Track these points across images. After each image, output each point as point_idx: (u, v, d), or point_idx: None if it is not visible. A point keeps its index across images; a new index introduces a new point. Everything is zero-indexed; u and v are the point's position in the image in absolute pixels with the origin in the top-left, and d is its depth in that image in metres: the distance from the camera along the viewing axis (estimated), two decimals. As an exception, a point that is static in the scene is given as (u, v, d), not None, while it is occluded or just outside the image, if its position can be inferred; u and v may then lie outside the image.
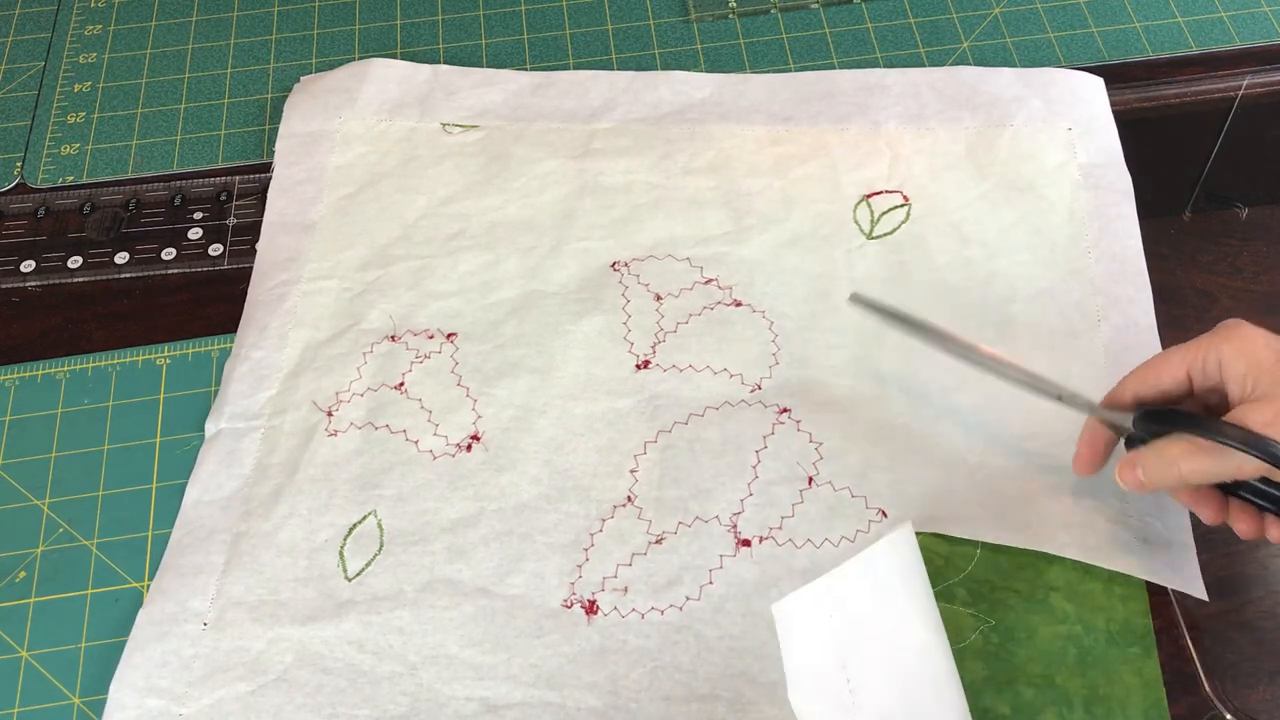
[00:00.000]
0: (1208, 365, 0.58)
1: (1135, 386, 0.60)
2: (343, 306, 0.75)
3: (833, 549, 0.64)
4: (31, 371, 0.74)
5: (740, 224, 0.77)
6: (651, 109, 0.83)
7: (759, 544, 0.64)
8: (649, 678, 0.60)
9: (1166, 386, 0.59)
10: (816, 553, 0.64)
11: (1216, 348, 0.57)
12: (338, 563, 0.65)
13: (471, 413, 0.70)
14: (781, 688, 0.59)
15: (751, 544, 0.64)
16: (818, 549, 0.64)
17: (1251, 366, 0.56)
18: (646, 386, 0.70)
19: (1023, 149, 0.78)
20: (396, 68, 0.86)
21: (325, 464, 0.68)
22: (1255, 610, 0.65)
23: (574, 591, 0.63)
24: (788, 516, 0.65)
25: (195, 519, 0.67)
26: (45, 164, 0.84)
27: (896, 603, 0.58)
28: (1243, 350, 0.56)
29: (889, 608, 0.58)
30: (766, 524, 0.65)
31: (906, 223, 0.76)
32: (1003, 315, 0.72)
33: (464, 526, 0.66)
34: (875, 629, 0.57)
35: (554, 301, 0.74)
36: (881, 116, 0.81)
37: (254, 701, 0.60)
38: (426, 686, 0.61)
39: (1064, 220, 0.75)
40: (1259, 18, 0.87)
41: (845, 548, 0.63)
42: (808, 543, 0.64)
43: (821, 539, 0.64)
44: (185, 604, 0.64)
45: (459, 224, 0.78)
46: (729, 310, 0.73)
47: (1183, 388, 0.59)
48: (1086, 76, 0.82)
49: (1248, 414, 0.54)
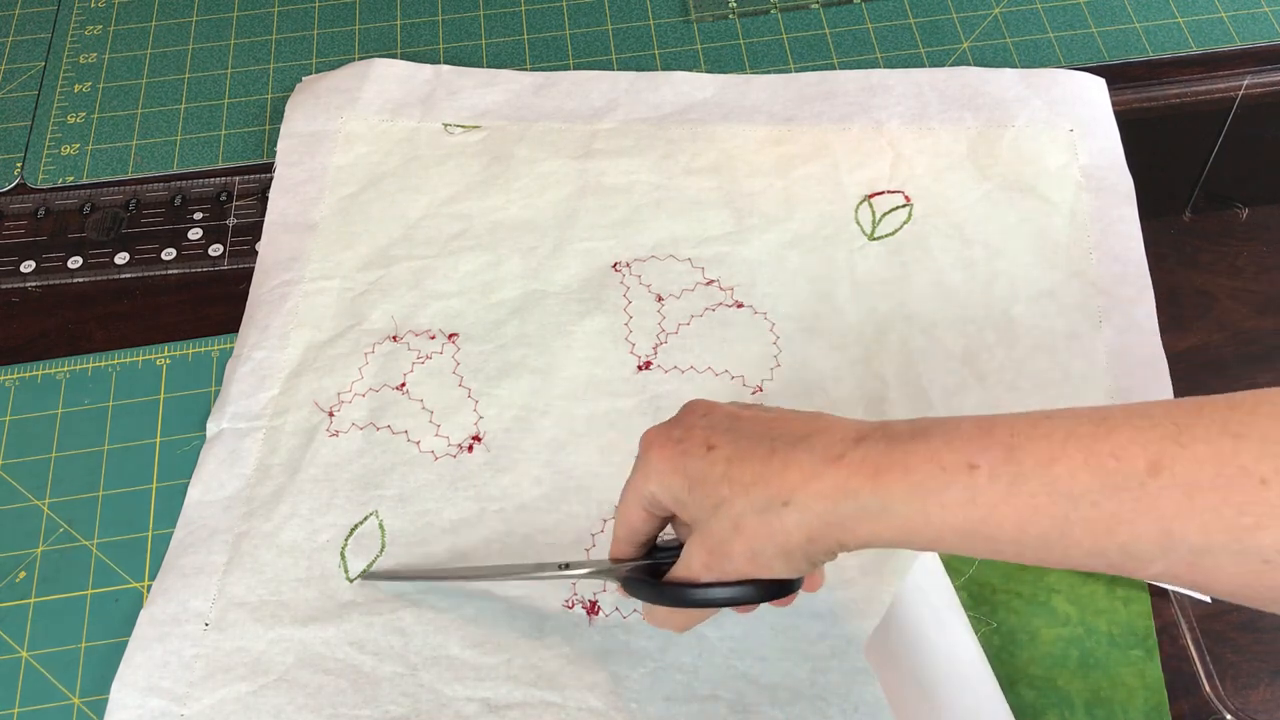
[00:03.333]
0: (652, 506, 0.53)
1: (625, 538, 0.55)
2: (344, 306, 0.75)
3: None
4: (31, 371, 0.74)
5: (742, 224, 0.77)
6: (653, 109, 0.83)
7: None
8: (650, 678, 0.60)
9: (646, 530, 0.55)
10: None
11: (643, 488, 0.52)
12: (339, 563, 0.65)
13: (473, 413, 0.70)
14: (783, 689, 0.59)
15: None
16: None
17: (673, 499, 0.51)
18: (648, 387, 0.70)
19: (1025, 150, 0.78)
20: (399, 68, 0.86)
21: (327, 464, 0.68)
22: (1255, 610, 0.65)
23: (575, 592, 0.63)
24: None
25: (197, 519, 0.67)
26: (45, 164, 0.84)
27: (947, 620, 0.57)
28: (662, 483, 0.51)
29: (944, 628, 0.57)
30: None
31: (908, 223, 0.76)
32: (1004, 316, 0.72)
33: (465, 527, 0.66)
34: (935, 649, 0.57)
35: (555, 302, 0.74)
36: (883, 116, 0.81)
37: (255, 702, 0.60)
38: (427, 687, 0.61)
39: (1066, 222, 0.75)
40: (1259, 18, 0.87)
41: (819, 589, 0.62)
42: None
43: None
44: (187, 604, 0.64)
45: (461, 224, 0.78)
46: (730, 311, 0.73)
47: (660, 520, 0.54)
48: (1089, 78, 0.82)
49: (690, 558, 0.51)
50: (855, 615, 0.61)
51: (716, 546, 0.49)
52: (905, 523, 0.45)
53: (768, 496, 0.48)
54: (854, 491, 0.46)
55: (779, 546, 0.48)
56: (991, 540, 0.44)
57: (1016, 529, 0.44)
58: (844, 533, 0.47)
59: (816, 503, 0.47)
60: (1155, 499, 0.41)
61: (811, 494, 0.47)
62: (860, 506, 0.46)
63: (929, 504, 0.45)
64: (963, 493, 0.44)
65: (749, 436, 0.50)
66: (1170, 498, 0.41)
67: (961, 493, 0.44)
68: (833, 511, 0.46)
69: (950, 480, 0.44)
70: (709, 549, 0.50)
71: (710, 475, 0.49)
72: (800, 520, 0.47)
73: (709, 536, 0.50)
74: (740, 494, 0.48)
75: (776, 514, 0.47)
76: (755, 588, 0.50)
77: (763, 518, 0.48)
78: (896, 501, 0.45)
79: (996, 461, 0.44)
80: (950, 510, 0.44)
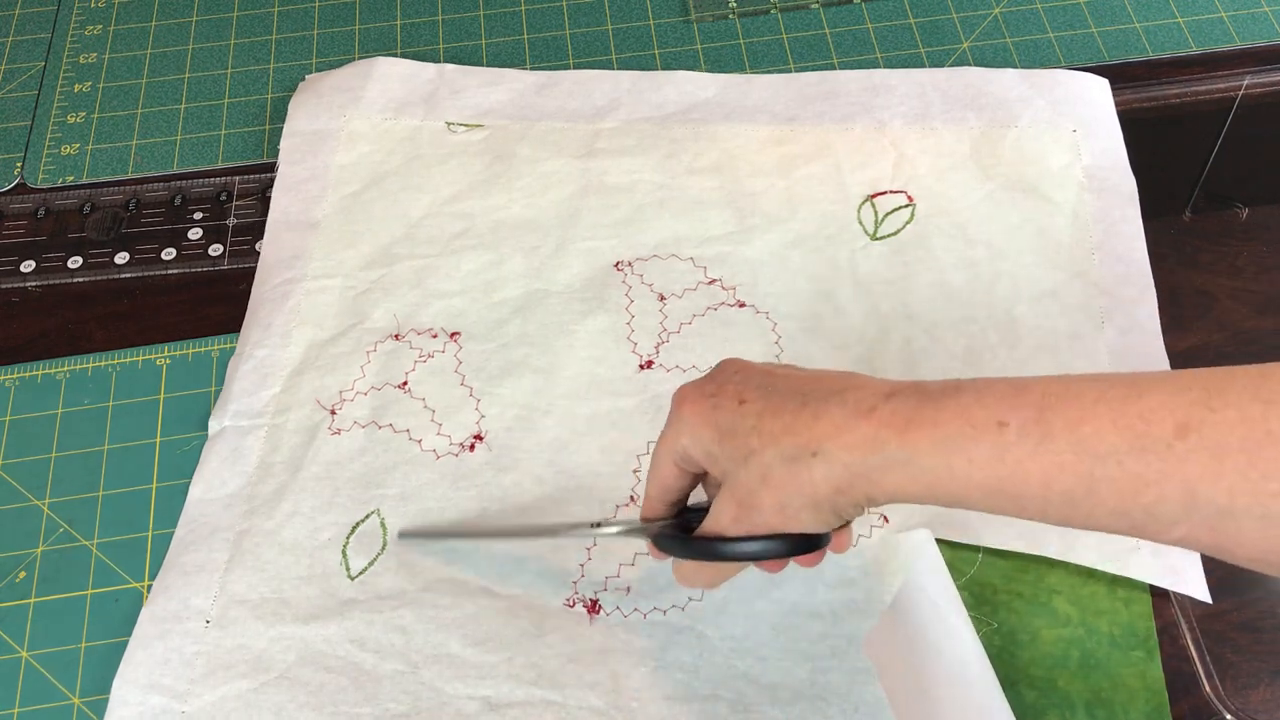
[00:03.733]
0: (684, 461, 0.53)
1: (657, 496, 0.56)
2: (346, 305, 0.75)
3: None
4: (31, 371, 0.74)
5: (744, 224, 0.77)
6: (656, 109, 0.83)
7: None
8: (650, 677, 0.60)
9: (678, 488, 0.55)
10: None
11: (675, 443, 0.53)
12: (340, 561, 0.65)
13: (475, 412, 0.70)
14: (783, 689, 0.59)
15: None
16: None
17: (704, 453, 0.52)
18: (650, 386, 0.70)
19: (1027, 150, 0.78)
20: (402, 66, 0.86)
21: (328, 463, 0.68)
22: (1255, 610, 0.65)
23: (576, 591, 0.63)
24: None
25: (198, 516, 0.67)
26: (45, 164, 0.84)
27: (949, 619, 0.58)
28: (694, 436, 0.52)
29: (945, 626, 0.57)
30: None
31: (911, 223, 0.76)
32: (1007, 316, 0.72)
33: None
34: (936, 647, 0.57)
35: (558, 301, 0.74)
36: (886, 116, 0.81)
37: (256, 699, 0.60)
38: (428, 685, 0.60)
39: (1068, 222, 0.75)
40: (1259, 18, 0.87)
41: (849, 550, 0.62)
42: None
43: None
44: (188, 602, 0.64)
45: (463, 223, 0.78)
46: (732, 311, 0.73)
47: (693, 477, 0.55)
48: (1092, 78, 0.82)
49: (720, 512, 0.51)
50: (856, 615, 0.61)
51: (745, 498, 0.50)
52: (932, 477, 0.46)
53: (797, 447, 0.48)
54: (882, 443, 0.46)
55: (807, 498, 0.48)
56: (1017, 498, 0.45)
57: (1042, 486, 0.44)
58: (871, 485, 0.47)
59: (845, 454, 0.47)
60: (1182, 461, 0.42)
61: (840, 445, 0.47)
62: (888, 458, 0.46)
63: (956, 459, 0.45)
64: (990, 450, 0.45)
65: (781, 392, 0.50)
66: (1197, 460, 0.41)
67: (989, 449, 0.45)
68: (861, 463, 0.47)
69: (979, 437, 0.45)
70: (738, 501, 0.50)
71: (740, 427, 0.50)
72: (828, 472, 0.47)
73: (738, 488, 0.50)
74: (770, 444, 0.49)
75: (805, 464, 0.48)
76: (783, 542, 0.50)
77: (791, 468, 0.48)
78: (924, 455, 0.46)
79: (1026, 421, 0.44)
80: (977, 466, 0.45)
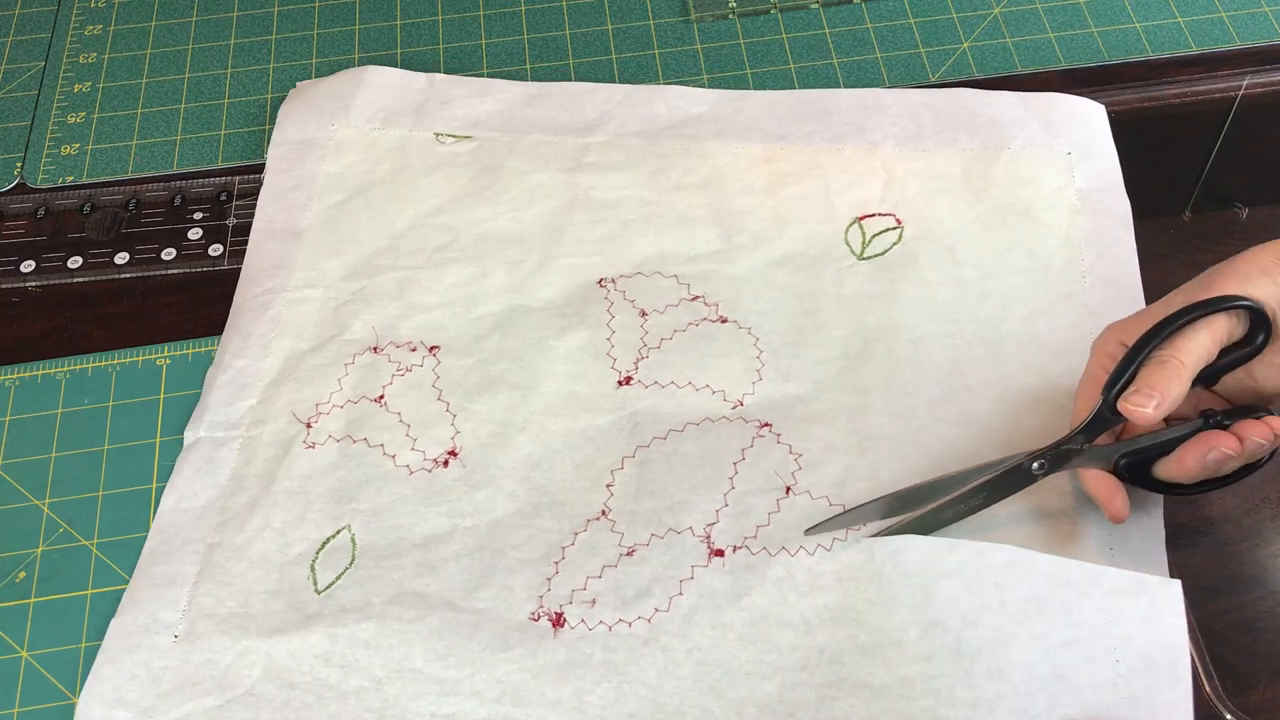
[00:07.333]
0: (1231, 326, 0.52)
1: (1192, 366, 0.54)
2: (327, 316, 0.74)
3: (808, 556, 0.63)
4: (31, 371, 0.74)
5: (730, 242, 0.76)
6: (646, 123, 0.82)
7: (732, 553, 0.63)
8: (614, 693, 0.60)
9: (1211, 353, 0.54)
10: (791, 560, 0.63)
11: (1232, 289, 0.52)
12: (309, 575, 0.65)
13: (450, 427, 0.70)
14: (750, 704, 0.59)
15: (725, 554, 0.63)
16: (792, 557, 0.63)
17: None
18: (628, 403, 0.70)
19: (1020, 172, 0.78)
20: (392, 75, 0.85)
21: (301, 477, 0.68)
22: (1255, 610, 0.65)
23: (542, 604, 0.63)
24: (763, 525, 0.64)
25: (169, 527, 0.67)
26: (45, 164, 0.84)
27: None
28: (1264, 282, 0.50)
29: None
30: (741, 534, 0.64)
31: (898, 244, 0.75)
32: (994, 332, 0.71)
33: (436, 542, 0.65)
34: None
35: (538, 317, 0.74)
36: (878, 137, 0.80)
37: (221, 716, 0.60)
38: (392, 702, 0.60)
39: (1060, 245, 0.74)
40: (1259, 18, 0.86)
41: (820, 555, 0.62)
42: (782, 550, 0.63)
43: (796, 547, 0.63)
44: (156, 616, 0.64)
45: (447, 235, 0.78)
46: (714, 326, 0.73)
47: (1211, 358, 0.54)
48: (1087, 102, 0.81)
49: None
50: (828, 625, 0.60)
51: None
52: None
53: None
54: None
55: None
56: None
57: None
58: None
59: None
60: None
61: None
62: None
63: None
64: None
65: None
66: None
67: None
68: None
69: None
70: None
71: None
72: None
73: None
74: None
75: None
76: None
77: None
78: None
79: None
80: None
